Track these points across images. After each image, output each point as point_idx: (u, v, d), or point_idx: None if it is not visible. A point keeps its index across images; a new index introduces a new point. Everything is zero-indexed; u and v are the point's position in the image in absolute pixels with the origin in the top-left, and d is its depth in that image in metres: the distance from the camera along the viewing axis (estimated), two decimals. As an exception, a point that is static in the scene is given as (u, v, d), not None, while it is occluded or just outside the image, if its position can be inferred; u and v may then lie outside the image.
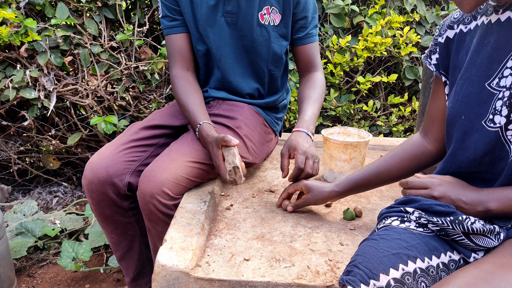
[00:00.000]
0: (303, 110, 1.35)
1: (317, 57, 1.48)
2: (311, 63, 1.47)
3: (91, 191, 1.27)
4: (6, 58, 1.89)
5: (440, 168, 0.94)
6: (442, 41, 0.95)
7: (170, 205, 1.16)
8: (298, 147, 1.21)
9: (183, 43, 1.39)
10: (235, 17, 1.34)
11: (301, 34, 1.43)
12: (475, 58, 0.85)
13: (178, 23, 1.37)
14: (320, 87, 1.43)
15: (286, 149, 1.25)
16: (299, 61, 1.48)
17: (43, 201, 2.23)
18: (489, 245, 0.79)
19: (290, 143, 1.25)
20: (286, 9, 1.37)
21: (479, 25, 0.87)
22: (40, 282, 1.74)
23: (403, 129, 2.41)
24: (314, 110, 1.36)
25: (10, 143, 2.15)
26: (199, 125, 1.25)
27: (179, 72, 1.38)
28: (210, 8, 1.33)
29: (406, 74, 2.33)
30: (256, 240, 1.05)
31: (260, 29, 1.36)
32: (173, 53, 1.39)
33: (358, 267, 0.74)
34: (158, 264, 0.92)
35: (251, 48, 1.39)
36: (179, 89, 1.35)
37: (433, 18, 2.35)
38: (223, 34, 1.36)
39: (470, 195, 0.83)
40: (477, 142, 0.84)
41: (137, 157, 1.31)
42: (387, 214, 0.89)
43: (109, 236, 1.39)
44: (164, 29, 1.39)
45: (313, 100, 1.38)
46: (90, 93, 2.01)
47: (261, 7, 1.34)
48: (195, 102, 1.31)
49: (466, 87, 0.86)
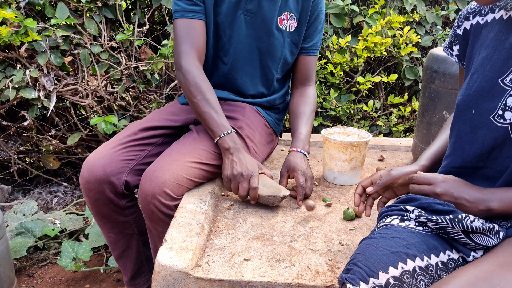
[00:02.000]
0: (298, 128, 1.38)
1: (314, 72, 1.51)
2: (308, 76, 1.49)
3: (88, 190, 1.26)
4: (6, 58, 1.89)
5: (447, 161, 0.94)
6: (461, 32, 0.95)
7: (171, 205, 1.16)
8: (297, 168, 1.25)
9: (200, 31, 1.31)
10: (254, 17, 1.34)
11: (307, 44, 1.44)
12: (491, 54, 0.85)
13: (200, 9, 1.30)
14: (313, 103, 1.47)
15: (285, 170, 1.29)
16: (297, 71, 1.49)
17: (43, 201, 2.23)
18: (489, 244, 0.79)
19: (289, 164, 1.28)
20: (302, 17, 1.39)
21: (497, 19, 0.87)
22: (40, 282, 1.74)
23: (403, 129, 2.41)
24: (308, 128, 1.39)
25: (10, 143, 2.15)
26: (231, 131, 1.23)
27: (197, 63, 1.28)
28: (232, 3, 1.32)
29: (406, 74, 2.33)
30: (256, 240, 1.05)
31: (278, 33, 1.37)
32: (189, 39, 1.28)
33: (357, 265, 0.74)
34: (158, 264, 0.92)
35: (265, 51, 1.38)
36: (202, 82, 1.26)
37: (433, 18, 2.35)
38: (239, 32, 1.35)
39: (473, 193, 0.83)
40: (485, 137, 0.84)
41: (134, 156, 1.30)
42: (387, 213, 0.89)
43: (107, 235, 1.39)
44: (179, 11, 1.29)
45: (306, 117, 1.41)
46: (90, 93, 2.01)
47: (281, 12, 1.35)
48: (218, 102, 1.27)
49: (480, 82, 0.86)
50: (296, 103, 1.46)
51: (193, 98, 1.25)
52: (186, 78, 1.26)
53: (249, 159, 1.21)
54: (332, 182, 1.42)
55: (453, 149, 0.92)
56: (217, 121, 1.23)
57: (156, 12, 2.22)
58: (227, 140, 1.22)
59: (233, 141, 1.22)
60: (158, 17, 2.29)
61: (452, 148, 0.92)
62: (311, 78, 1.51)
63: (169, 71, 2.13)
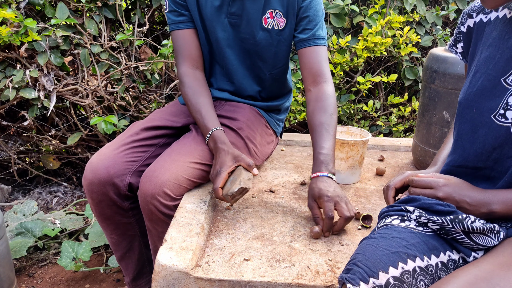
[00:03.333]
0: (318, 145, 1.20)
1: (325, 65, 1.33)
2: (317, 71, 1.31)
3: (92, 191, 1.26)
4: (6, 58, 1.89)
5: (449, 159, 0.94)
6: (464, 30, 0.96)
7: (171, 205, 1.16)
8: (322, 194, 1.08)
9: (191, 39, 1.36)
10: (239, 19, 1.33)
11: (305, 35, 1.33)
12: (494, 53, 0.85)
13: (185, 18, 1.34)
14: (331, 106, 1.27)
15: (312, 200, 1.12)
16: (304, 67, 1.33)
17: (43, 201, 2.23)
18: (489, 244, 0.79)
19: (313, 193, 1.11)
20: (290, 12, 1.32)
21: (500, 18, 0.87)
22: (40, 282, 1.74)
23: (403, 129, 2.41)
24: (331, 143, 1.20)
25: (10, 143, 2.15)
26: (212, 131, 1.24)
27: (189, 70, 1.35)
28: (215, 8, 1.32)
29: (406, 74, 2.33)
30: (256, 240, 1.05)
31: (263, 33, 1.34)
32: (181, 50, 1.36)
33: (357, 265, 0.74)
34: (158, 264, 0.92)
35: (253, 52, 1.38)
36: (189, 89, 1.33)
37: (433, 18, 2.35)
38: (227, 35, 1.35)
39: (475, 196, 0.83)
40: (486, 136, 0.84)
41: (138, 158, 1.30)
42: (387, 213, 0.89)
43: (109, 236, 1.39)
44: (171, 24, 1.36)
45: (326, 129, 1.22)
46: (90, 93, 2.01)
47: (265, 11, 1.32)
48: (205, 104, 1.30)
49: (482, 81, 0.86)
50: (311, 112, 1.28)
51: (187, 106, 1.34)
52: (181, 87, 1.36)
53: (223, 157, 1.17)
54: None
55: (455, 148, 0.92)
56: (202, 124, 1.27)
57: (156, 12, 2.22)
58: (210, 142, 1.24)
59: (213, 141, 1.23)
60: (158, 17, 2.29)
61: (453, 147, 0.93)
62: (323, 73, 1.31)
63: (169, 71, 2.13)
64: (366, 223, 1.14)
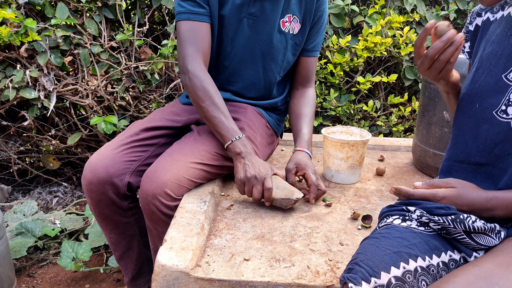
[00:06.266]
0: (301, 129, 1.39)
1: (314, 73, 1.51)
2: (308, 77, 1.49)
3: (91, 191, 1.26)
4: (6, 58, 1.89)
5: (449, 154, 0.93)
6: (472, 29, 0.96)
7: (172, 205, 1.16)
8: (308, 167, 1.25)
9: (207, 35, 1.28)
10: (257, 20, 1.32)
11: (308, 46, 1.44)
12: (497, 49, 0.86)
13: (205, 11, 1.28)
14: (314, 104, 1.48)
15: (294, 165, 1.27)
16: (297, 73, 1.49)
17: (43, 201, 2.23)
18: (490, 244, 0.79)
19: (298, 162, 1.27)
20: (306, 19, 1.38)
21: (505, 16, 0.88)
22: (40, 282, 1.74)
23: (403, 129, 2.41)
24: (310, 129, 1.40)
25: (10, 143, 2.15)
26: (240, 137, 1.22)
27: (203, 66, 1.26)
28: (236, 6, 1.30)
29: (406, 74, 2.33)
30: (256, 240, 1.05)
31: (280, 36, 1.36)
32: (196, 43, 1.26)
33: (359, 265, 0.74)
34: (158, 264, 0.92)
35: (267, 54, 1.38)
36: (211, 86, 1.23)
37: (433, 18, 2.35)
38: (242, 35, 1.34)
39: (475, 204, 0.82)
40: (488, 132, 0.85)
41: (137, 157, 1.30)
42: (388, 213, 0.89)
43: (108, 236, 1.39)
44: (184, 13, 1.26)
45: (308, 119, 1.42)
46: (90, 93, 2.01)
47: (284, 14, 1.34)
48: (225, 107, 1.24)
49: (485, 77, 0.86)
50: (297, 104, 1.46)
51: (201, 103, 1.22)
52: (193, 83, 1.23)
53: (261, 162, 1.20)
54: (330, 180, 1.43)
55: (456, 142, 0.92)
56: (227, 126, 1.22)
57: (156, 12, 2.22)
58: (238, 144, 1.21)
59: (244, 145, 1.21)
60: (158, 17, 2.29)
61: (454, 141, 0.93)
62: (311, 80, 1.51)
63: (169, 71, 2.13)
64: (366, 223, 1.14)
